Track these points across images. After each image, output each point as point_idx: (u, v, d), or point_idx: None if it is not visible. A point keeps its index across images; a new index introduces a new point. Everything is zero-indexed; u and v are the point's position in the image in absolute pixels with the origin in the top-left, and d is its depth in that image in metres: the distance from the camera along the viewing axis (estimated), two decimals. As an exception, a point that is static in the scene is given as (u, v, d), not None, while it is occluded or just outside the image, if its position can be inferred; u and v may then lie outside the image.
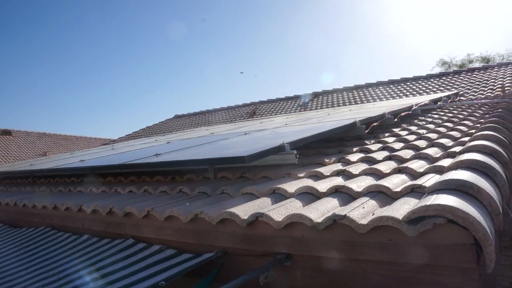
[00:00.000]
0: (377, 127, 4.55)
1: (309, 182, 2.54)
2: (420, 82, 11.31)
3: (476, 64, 28.23)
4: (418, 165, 2.62)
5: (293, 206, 2.15)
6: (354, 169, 2.75)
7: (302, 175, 2.80)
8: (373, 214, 1.85)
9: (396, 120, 4.82)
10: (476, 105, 6.06)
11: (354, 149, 3.46)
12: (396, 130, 4.35)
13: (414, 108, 5.43)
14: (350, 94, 12.12)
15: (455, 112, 5.61)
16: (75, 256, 2.73)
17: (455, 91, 8.41)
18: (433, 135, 3.76)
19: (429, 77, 11.75)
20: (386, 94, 10.72)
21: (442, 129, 4.10)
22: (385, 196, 2.12)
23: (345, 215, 1.77)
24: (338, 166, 2.91)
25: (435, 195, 1.71)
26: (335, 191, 2.29)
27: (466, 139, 3.21)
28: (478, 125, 4.01)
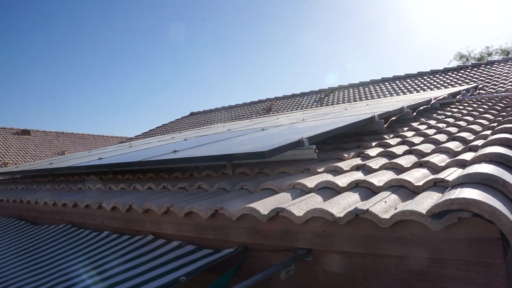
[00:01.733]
0: (395, 121, 4.50)
1: (328, 177, 2.52)
2: (437, 76, 11.13)
3: (496, 57, 27.68)
4: (439, 159, 2.58)
5: (314, 201, 2.14)
6: (374, 163, 2.72)
7: (321, 170, 2.78)
8: (396, 208, 1.82)
9: (414, 114, 4.76)
10: (497, 99, 5.94)
11: (373, 144, 3.42)
12: (414, 124, 4.29)
13: (432, 102, 5.35)
14: (366, 88, 12.01)
15: (474, 105, 5.51)
16: (96, 252, 2.77)
17: (474, 84, 8.25)
18: (453, 129, 3.70)
19: (446, 70, 11.56)
20: (402, 88, 10.59)
21: (462, 123, 4.04)
22: (406, 190, 2.09)
23: (368, 209, 1.75)
24: (358, 161, 2.88)
25: (459, 189, 1.68)
26: (356, 186, 2.27)
27: (488, 132, 3.15)
28: (500, 118, 3.93)
